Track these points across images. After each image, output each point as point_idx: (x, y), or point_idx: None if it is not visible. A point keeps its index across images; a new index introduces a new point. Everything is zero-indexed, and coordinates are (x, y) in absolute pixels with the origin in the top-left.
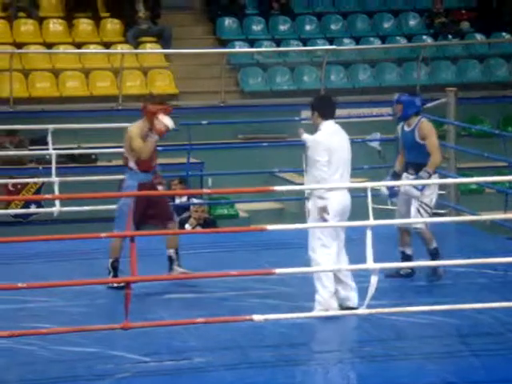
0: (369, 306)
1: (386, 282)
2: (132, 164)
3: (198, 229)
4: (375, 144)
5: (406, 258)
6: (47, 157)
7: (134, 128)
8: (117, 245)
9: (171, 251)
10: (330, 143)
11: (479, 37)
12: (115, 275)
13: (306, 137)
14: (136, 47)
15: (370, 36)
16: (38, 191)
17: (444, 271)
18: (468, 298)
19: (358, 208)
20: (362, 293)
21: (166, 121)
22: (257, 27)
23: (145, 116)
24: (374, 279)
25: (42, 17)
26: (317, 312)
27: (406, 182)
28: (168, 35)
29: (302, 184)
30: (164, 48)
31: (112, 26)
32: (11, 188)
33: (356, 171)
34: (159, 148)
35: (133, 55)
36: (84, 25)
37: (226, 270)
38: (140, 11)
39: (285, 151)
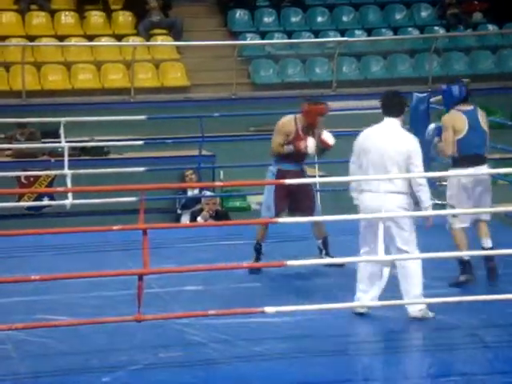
0: (380, 298)
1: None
2: None
3: (210, 221)
4: None
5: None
6: (59, 149)
7: (282, 121)
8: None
9: (319, 242)
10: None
11: (491, 27)
12: (257, 258)
13: None
14: (147, 39)
15: (381, 27)
16: (50, 184)
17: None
18: (480, 289)
19: None
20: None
21: (328, 139)
22: (268, 19)
23: (303, 115)
24: (385, 271)
25: (54, 9)
26: (327, 305)
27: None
28: (179, 27)
29: (314, 176)
30: (175, 40)
31: (124, 18)
32: (24, 181)
33: None
34: (170, 141)
35: (144, 47)
36: (96, 17)
37: (237, 262)
38: (151, 3)
39: None
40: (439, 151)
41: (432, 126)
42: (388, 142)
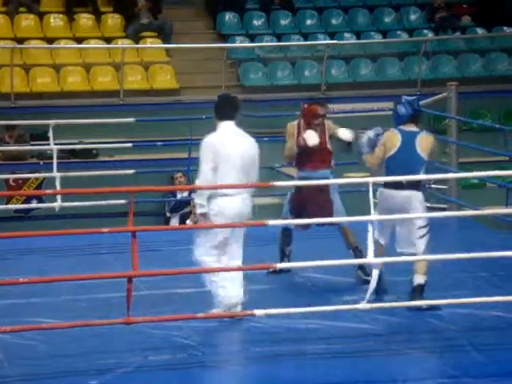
0: (369, 301)
1: (386, 277)
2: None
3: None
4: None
5: None
6: (48, 152)
7: (288, 126)
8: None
9: (351, 252)
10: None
11: (480, 31)
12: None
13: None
14: (137, 42)
15: (370, 30)
16: (39, 186)
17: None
18: (469, 292)
19: (359, 203)
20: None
21: (308, 138)
22: (257, 22)
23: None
24: (374, 273)
25: (43, 12)
26: (320, 307)
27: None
28: (169, 30)
29: None
30: (165, 43)
31: (113, 20)
32: (12, 183)
33: (357, 166)
34: (159, 143)
35: (134, 50)
36: (85, 19)
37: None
38: (140, 2)
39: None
40: (364, 159)
41: (370, 133)
42: (244, 146)
